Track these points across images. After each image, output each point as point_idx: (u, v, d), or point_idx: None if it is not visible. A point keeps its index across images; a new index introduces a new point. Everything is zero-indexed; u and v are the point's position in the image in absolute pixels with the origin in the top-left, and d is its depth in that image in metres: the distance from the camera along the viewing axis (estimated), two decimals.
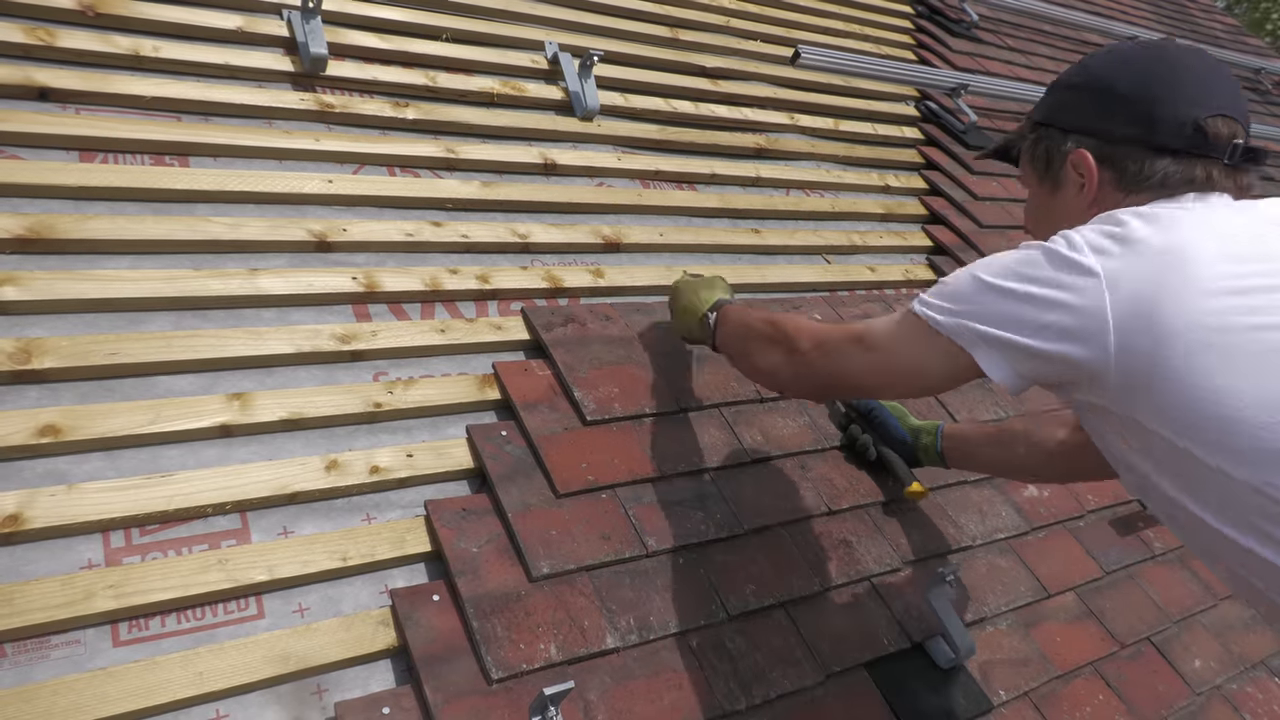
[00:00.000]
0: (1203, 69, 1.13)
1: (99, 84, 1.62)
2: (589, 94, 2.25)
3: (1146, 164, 1.10)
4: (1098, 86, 1.17)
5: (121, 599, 1.13)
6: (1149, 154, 1.10)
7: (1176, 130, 1.08)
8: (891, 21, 3.63)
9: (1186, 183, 1.09)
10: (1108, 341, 0.98)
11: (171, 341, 1.39)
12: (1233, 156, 1.08)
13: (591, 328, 1.76)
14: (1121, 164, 1.13)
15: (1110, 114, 1.14)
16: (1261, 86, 5.47)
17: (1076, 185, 1.18)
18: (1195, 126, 1.07)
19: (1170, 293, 0.94)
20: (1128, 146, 1.12)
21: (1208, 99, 1.09)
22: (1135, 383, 0.98)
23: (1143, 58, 1.16)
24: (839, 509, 1.71)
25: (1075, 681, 1.69)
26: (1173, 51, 1.16)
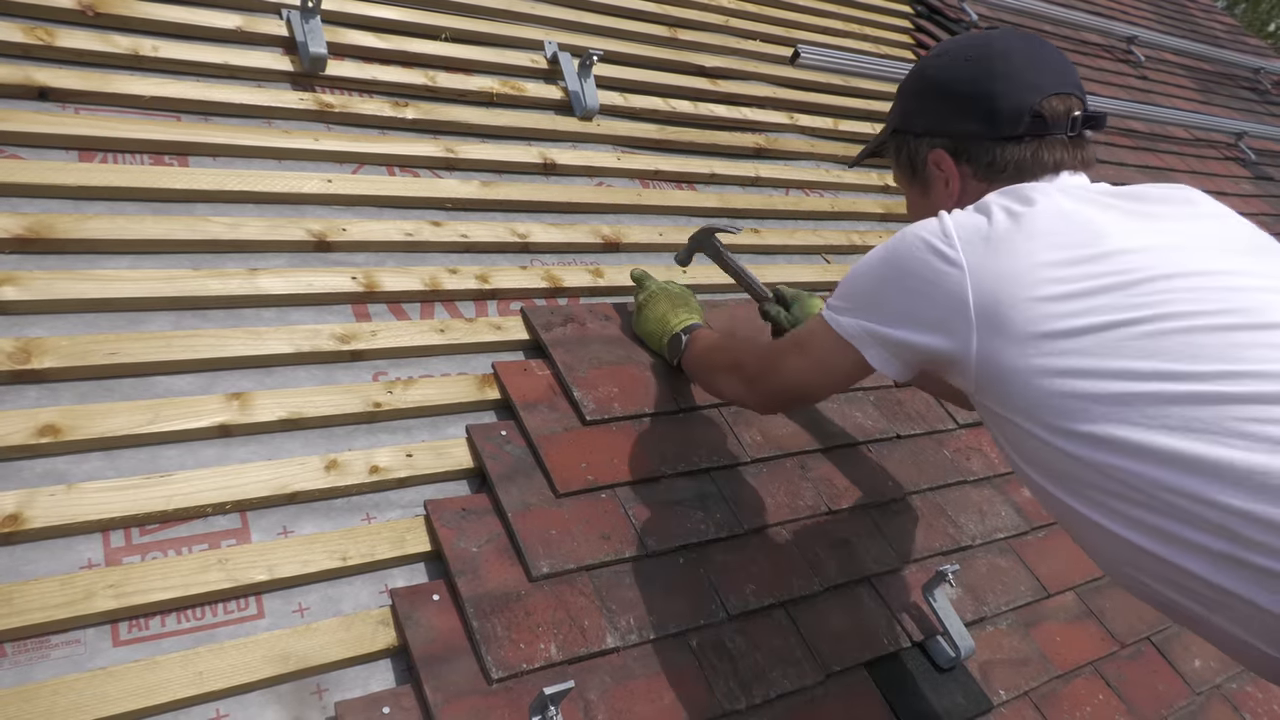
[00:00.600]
0: (1029, 54, 1.21)
1: (99, 84, 1.62)
2: (588, 94, 2.25)
3: (997, 154, 1.19)
4: (939, 90, 1.26)
5: (121, 599, 1.13)
6: (997, 144, 1.18)
7: (1016, 119, 1.16)
8: (891, 21, 3.64)
9: (1039, 165, 1.17)
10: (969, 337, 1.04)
11: (171, 341, 1.39)
12: (1074, 128, 1.17)
13: (591, 327, 1.76)
14: (977, 157, 1.21)
15: (955, 114, 1.22)
16: (1261, 86, 5.48)
17: (942, 182, 1.26)
18: (1033, 113, 1.16)
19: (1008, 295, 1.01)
20: (977, 141, 1.20)
21: (1040, 82, 1.17)
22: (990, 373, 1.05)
23: (975, 54, 1.24)
24: (839, 509, 1.71)
25: (1075, 681, 1.69)
26: (1000, 43, 1.23)
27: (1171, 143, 4.10)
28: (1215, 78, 5.21)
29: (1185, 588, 0.98)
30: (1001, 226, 1.06)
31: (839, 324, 1.18)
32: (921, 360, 1.14)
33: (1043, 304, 1.00)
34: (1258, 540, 0.89)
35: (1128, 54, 4.66)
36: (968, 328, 1.04)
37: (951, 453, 1.98)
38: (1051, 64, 1.20)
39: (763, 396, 1.40)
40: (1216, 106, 4.84)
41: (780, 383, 1.33)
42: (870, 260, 1.17)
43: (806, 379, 1.29)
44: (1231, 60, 5.37)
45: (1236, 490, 0.90)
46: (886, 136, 1.36)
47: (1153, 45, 4.83)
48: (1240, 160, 4.38)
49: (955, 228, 1.08)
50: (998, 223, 1.06)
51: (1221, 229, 1.10)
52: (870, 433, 1.89)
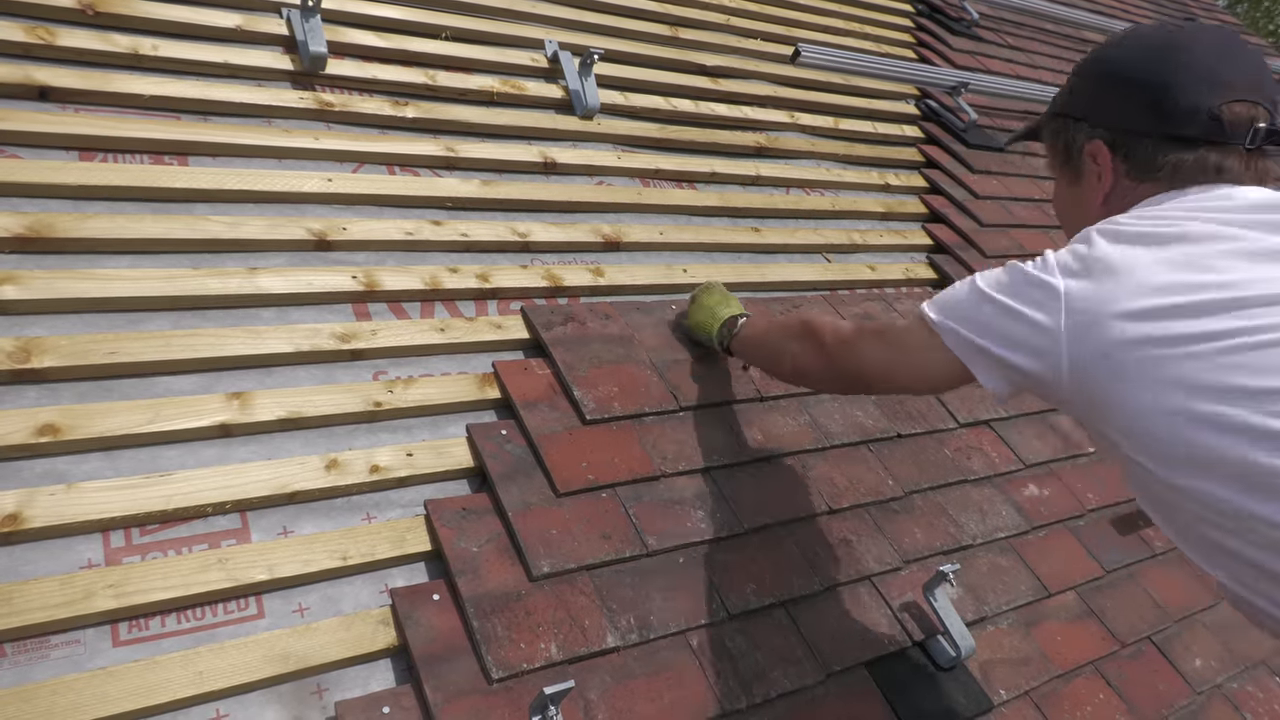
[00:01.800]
0: (1221, 50, 1.10)
1: (99, 83, 1.62)
2: (589, 92, 2.25)
3: (1159, 154, 1.10)
4: (1112, 75, 1.16)
5: (121, 599, 1.13)
6: (1162, 143, 1.09)
7: (1190, 118, 1.07)
8: (892, 20, 3.63)
9: (1198, 172, 1.08)
10: (1060, 358, 1.01)
11: (171, 341, 1.39)
12: (1253, 140, 1.05)
13: (591, 327, 1.76)
14: (1136, 154, 1.12)
15: (1125, 105, 1.13)
16: None
17: (1095, 175, 1.18)
18: (1210, 114, 1.05)
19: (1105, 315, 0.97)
20: (1142, 136, 1.11)
21: (1226, 83, 1.06)
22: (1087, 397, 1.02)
23: (1158, 42, 1.14)
24: (839, 508, 1.71)
25: (1076, 681, 1.69)
26: (1190, 34, 1.13)
27: None
28: None
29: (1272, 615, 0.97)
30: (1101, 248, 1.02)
31: (937, 324, 1.15)
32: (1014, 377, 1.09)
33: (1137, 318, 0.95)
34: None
35: None
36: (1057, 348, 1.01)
37: (952, 452, 1.98)
38: (1244, 67, 1.09)
39: (836, 370, 1.37)
40: None
41: (858, 363, 1.31)
42: (974, 279, 1.14)
43: (889, 369, 1.26)
44: None
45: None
46: (1047, 118, 1.29)
47: None
48: None
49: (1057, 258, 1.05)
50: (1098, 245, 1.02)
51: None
52: (870, 432, 1.89)
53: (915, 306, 1.23)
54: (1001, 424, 2.13)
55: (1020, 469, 2.04)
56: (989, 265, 2.50)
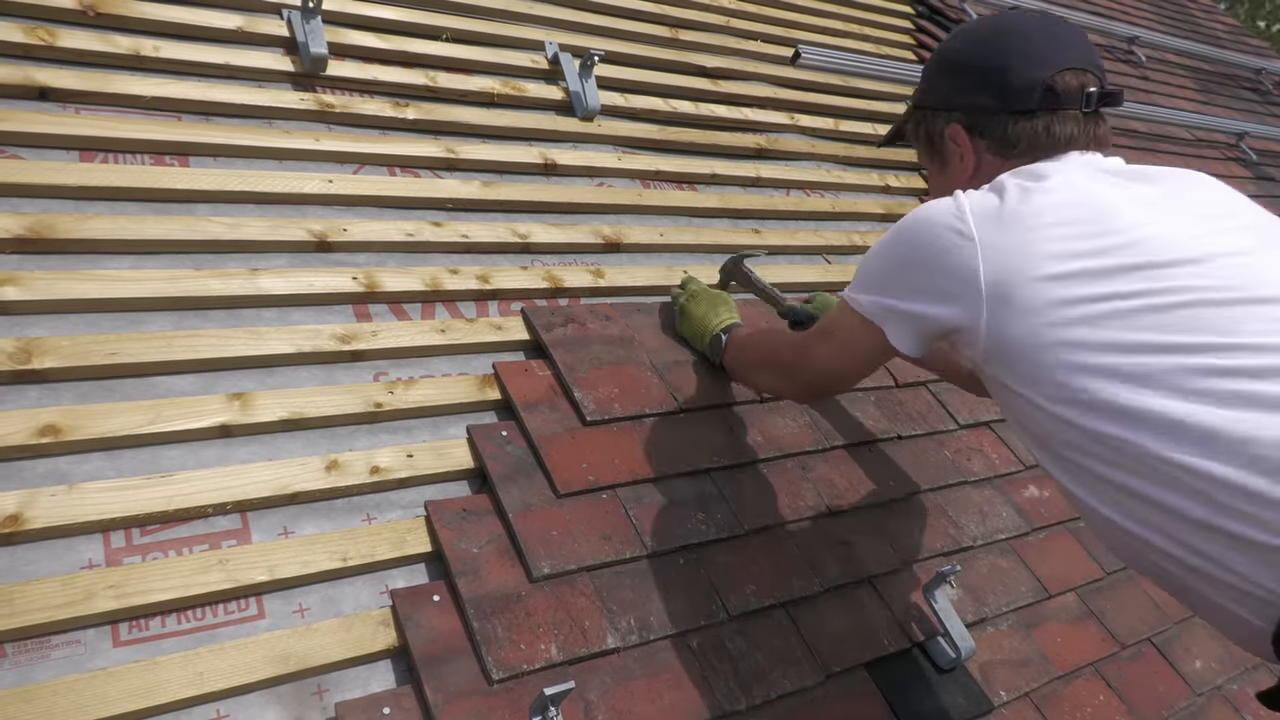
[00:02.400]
0: (1046, 31, 1.23)
1: (99, 84, 1.62)
2: (589, 94, 2.25)
3: (1010, 128, 1.21)
4: (955, 66, 1.29)
5: (122, 599, 1.13)
6: (1010, 118, 1.21)
7: (1028, 92, 1.18)
8: (891, 22, 3.63)
9: (1051, 140, 1.19)
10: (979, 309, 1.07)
11: (172, 341, 1.39)
12: (1089, 104, 1.18)
13: (591, 328, 1.76)
14: (990, 131, 1.23)
15: (970, 89, 1.25)
16: (1262, 87, 5.47)
17: (958, 156, 1.29)
18: (1045, 86, 1.18)
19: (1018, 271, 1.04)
20: (991, 115, 1.23)
21: (1053, 57, 1.19)
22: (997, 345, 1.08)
23: (990, 31, 1.28)
24: (839, 509, 1.71)
25: (1076, 682, 1.69)
26: (1016, 20, 1.27)
27: (1172, 143, 4.09)
28: (1216, 78, 5.21)
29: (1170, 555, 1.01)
30: (1013, 204, 1.08)
31: (858, 304, 1.22)
32: (934, 333, 1.16)
33: (1051, 282, 1.02)
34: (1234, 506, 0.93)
35: (1129, 54, 4.66)
36: (978, 299, 1.07)
37: (952, 453, 1.98)
38: (1068, 41, 1.22)
39: (799, 386, 1.46)
40: (1218, 107, 4.84)
41: (813, 370, 1.38)
42: (885, 240, 1.21)
43: (836, 364, 1.34)
44: (1233, 61, 5.36)
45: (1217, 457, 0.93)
46: (908, 115, 1.40)
47: (1154, 46, 4.83)
48: (1241, 161, 4.38)
49: (969, 205, 1.11)
50: (1010, 200, 1.09)
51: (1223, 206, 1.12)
52: (871, 433, 1.89)
53: None
54: (1002, 425, 2.13)
55: (1020, 470, 2.04)
56: None
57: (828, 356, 1.34)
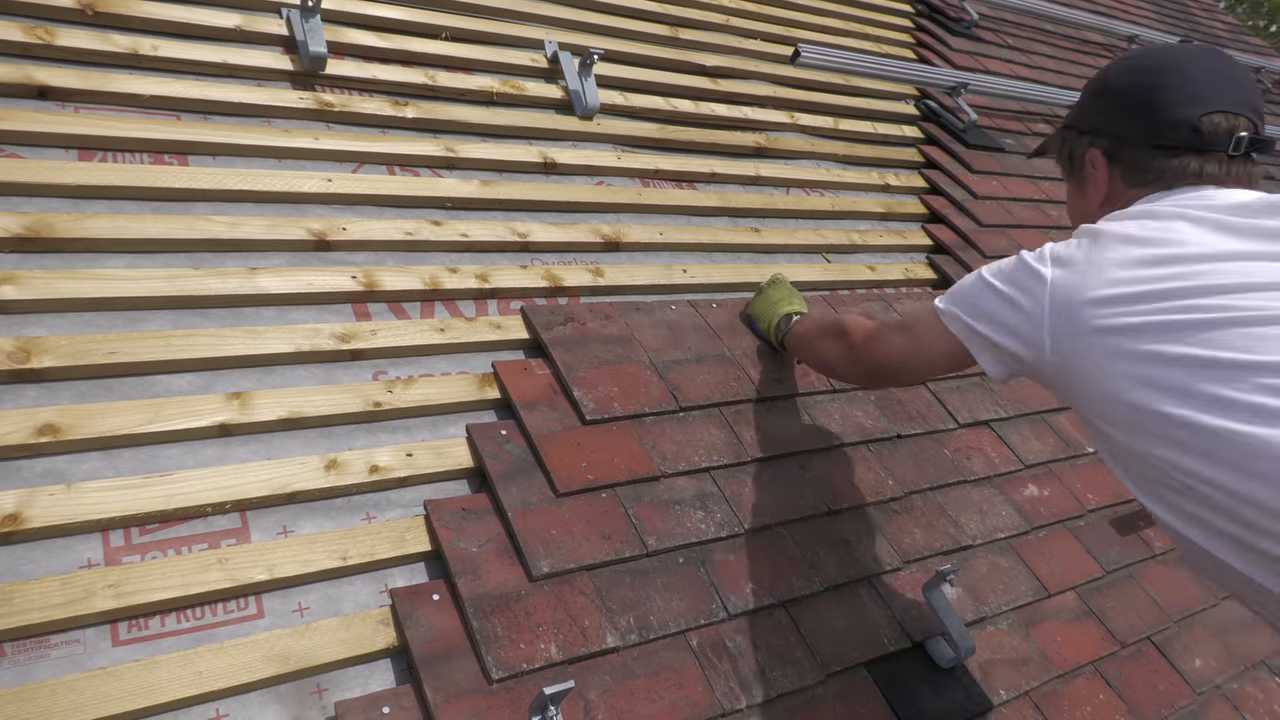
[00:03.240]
0: (1206, 69, 1.23)
1: (98, 83, 1.62)
2: (589, 93, 2.25)
3: (1147, 160, 1.23)
4: (1110, 92, 1.31)
5: (121, 598, 1.13)
6: (1151, 152, 1.22)
7: (1173, 129, 1.20)
8: (891, 20, 3.63)
9: (1181, 175, 1.20)
10: (1043, 341, 1.13)
11: (170, 341, 1.39)
12: (1237, 148, 1.17)
13: (591, 327, 1.76)
14: (1129, 161, 1.26)
15: (1119, 117, 1.27)
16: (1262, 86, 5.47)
17: (1094, 181, 1.32)
18: (1191, 126, 1.18)
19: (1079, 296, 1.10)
20: (1134, 146, 1.25)
21: (1207, 98, 1.19)
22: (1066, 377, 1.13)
23: (1151, 63, 1.28)
24: (839, 508, 1.71)
25: (1075, 681, 1.69)
26: (1179, 54, 1.27)
27: None
28: None
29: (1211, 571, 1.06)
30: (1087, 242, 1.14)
31: (947, 314, 1.29)
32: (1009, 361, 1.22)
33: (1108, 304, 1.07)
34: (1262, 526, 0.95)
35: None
36: (1040, 332, 1.13)
37: (952, 453, 1.98)
38: (1227, 81, 1.22)
39: (863, 365, 1.52)
40: None
41: (881, 355, 1.45)
42: (980, 269, 1.27)
43: (905, 356, 1.40)
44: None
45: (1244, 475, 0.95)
46: (1057, 131, 1.43)
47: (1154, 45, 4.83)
48: None
49: (1052, 249, 1.17)
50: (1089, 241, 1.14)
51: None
52: (870, 433, 1.89)
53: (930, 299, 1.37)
54: (1001, 424, 2.13)
55: (1020, 469, 2.04)
56: None
57: (899, 349, 1.40)
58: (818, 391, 1.91)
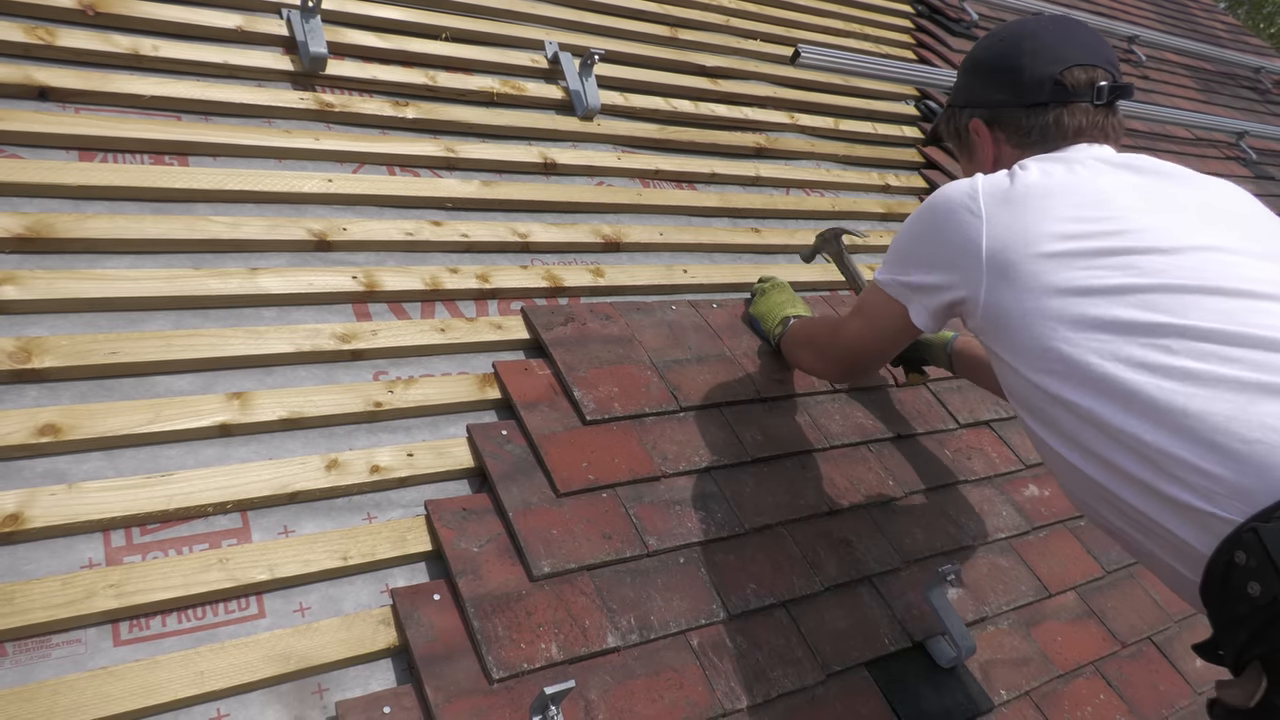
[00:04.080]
0: (1059, 31, 1.33)
1: (99, 83, 1.62)
2: (589, 93, 2.25)
3: (1024, 120, 1.32)
4: (978, 65, 1.42)
5: (122, 598, 1.13)
6: (1023, 111, 1.31)
7: (1038, 87, 1.29)
8: (891, 21, 3.63)
9: (1061, 131, 1.29)
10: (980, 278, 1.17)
11: (171, 341, 1.39)
12: (1100, 97, 1.27)
13: (591, 327, 1.76)
14: (1007, 124, 1.35)
15: (989, 85, 1.37)
16: (1262, 86, 5.47)
17: (981, 147, 1.41)
18: (1054, 80, 1.28)
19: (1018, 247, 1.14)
20: (1007, 109, 1.34)
21: (1064, 55, 1.29)
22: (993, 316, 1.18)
23: (1009, 34, 1.38)
24: (839, 508, 1.71)
25: (1076, 681, 1.69)
26: (1032, 23, 1.37)
27: (1173, 142, 4.09)
28: (1216, 77, 5.21)
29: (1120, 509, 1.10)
30: (1020, 187, 1.19)
31: (882, 282, 1.34)
32: (944, 306, 1.26)
33: (1045, 260, 1.12)
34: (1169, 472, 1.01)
35: (1129, 53, 4.65)
36: (979, 271, 1.17)
37: (952, 452, 1.98)
38: (1079, 40, 1.31)
39: (831, 363, 1.60)
40: (1218, 106, 4.84)
41: (844, 347, 1.51)
42: (909, 220, 1.32)
43: (864, 341, 1.46)
44: (1232, 60, 5.36)
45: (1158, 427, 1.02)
46: (942, 114, 1.53)
47: (1154, 45, 4.83)
48: (1241, 160, 4.38)
49: (982, 185, 1.21)
50: (1018, 183, 1.19)
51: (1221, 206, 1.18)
52: (870, 433, 1.89)
53: None
54: (1001, 424, 2.13)
55: (1020, 469, 2.04)
56: None
57: (856, 333, 1.46)
58: (818, 392, 1.91)
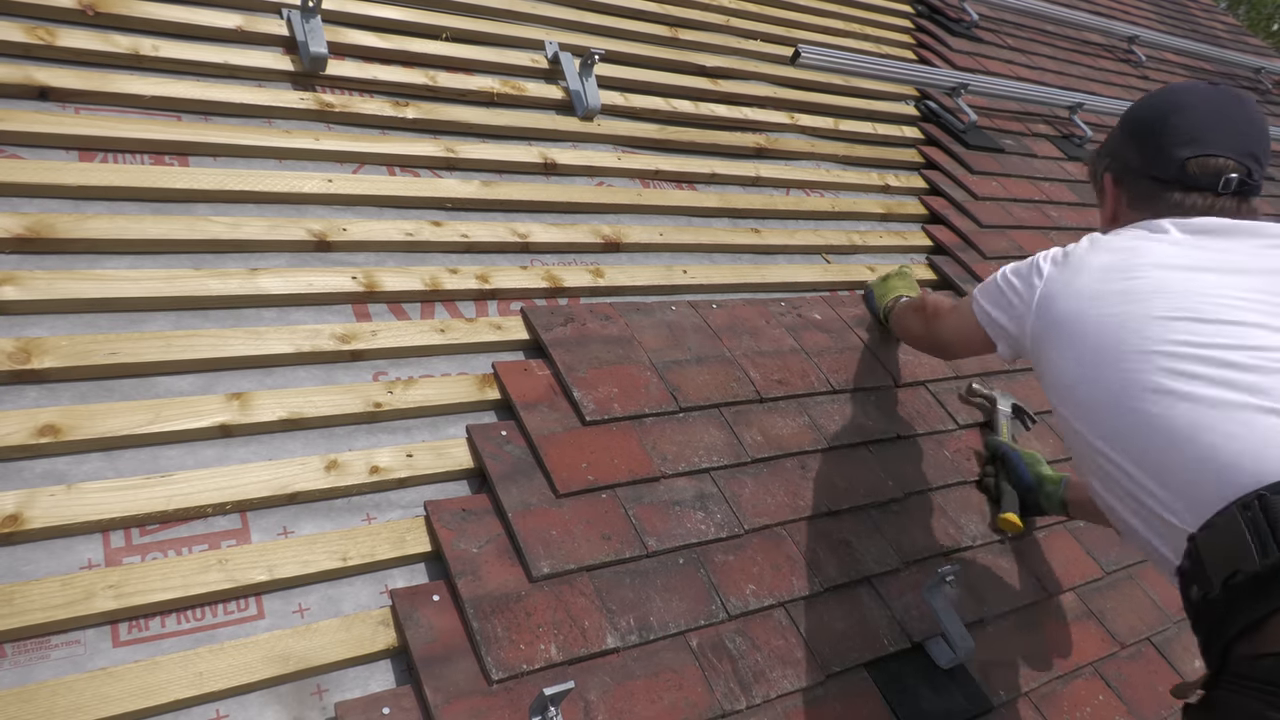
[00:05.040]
0: (1212, 112, 1.36)
1: (99, 83, 1.62)
2: (589, 93, 2.25)
3: (1146, 189, 1.39)
4: (1128, 123, 1.48)
5: (121, 599, 1.13)
6: (1147, 181, 1.38)
7: (1166, 165, 1.35)
8: (891, 21, 3.63)
9: (1169, 206, 1.35)
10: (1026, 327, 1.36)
11: (171, 341, 1.39)
12: (1225, 188, 1.31)
13: (591, 327, 1.76)
14: (1129, 186, 1.43)
15: (1129, 147, 1.44)
16: (1262, 86, 5.47)
17: (1105, 200, 1.51)
18: (1180, 164, 1.33)
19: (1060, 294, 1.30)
20: (1135, 174, 1.41)
21: (1202, 139, 1.33)
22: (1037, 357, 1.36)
23: (1166, 101, 1.43)
24: (839, 509, 1.71)
25: (1075, 682, 1.69)
26: (1196, 95, 1.40)
27: None
28: (1216, 78, 5.21)
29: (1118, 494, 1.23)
30: (1080, 249, 1.33)
31: (973, 299, 1.52)
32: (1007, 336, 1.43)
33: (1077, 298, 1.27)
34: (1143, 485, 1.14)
35: (1129, 54, 4.65)
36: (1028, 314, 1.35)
37: (952, 453, 1.98)
38: (1228, 125, 1.34)
39: (929, 337, 1.79)
40: None
41: (939, 329, 1.72)
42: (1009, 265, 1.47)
43: (950, 334, 1.67)
44: (1232, 60, 5.36)
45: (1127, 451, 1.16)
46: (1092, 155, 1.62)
47: (1154, 45, 4.83)
48: None
49: (1054, 250, 1.37)
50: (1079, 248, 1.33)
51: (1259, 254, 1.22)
52: (870, 433, 1.89)
53: None
54: None
55: None
56: (988, 266, 2.51)
57: (952, 327, 1.65)
58: (818, 392, 1.91)
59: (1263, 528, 0.96)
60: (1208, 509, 1.03)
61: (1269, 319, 1.10)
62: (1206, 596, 1.02)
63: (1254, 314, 1.11)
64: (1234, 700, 0.99)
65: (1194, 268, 1.20)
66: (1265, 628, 0.96)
